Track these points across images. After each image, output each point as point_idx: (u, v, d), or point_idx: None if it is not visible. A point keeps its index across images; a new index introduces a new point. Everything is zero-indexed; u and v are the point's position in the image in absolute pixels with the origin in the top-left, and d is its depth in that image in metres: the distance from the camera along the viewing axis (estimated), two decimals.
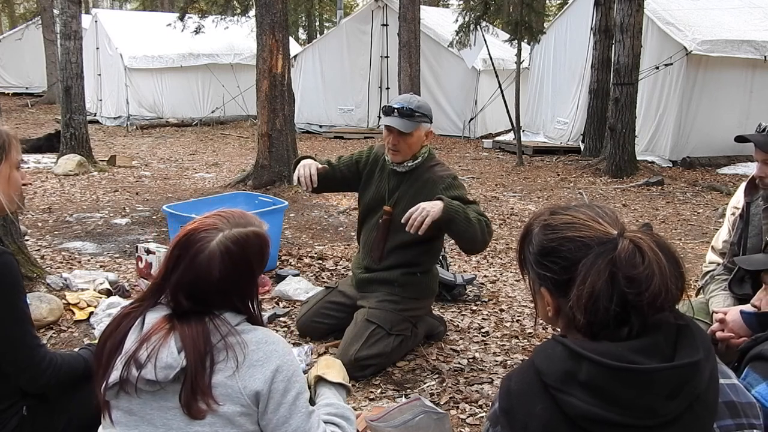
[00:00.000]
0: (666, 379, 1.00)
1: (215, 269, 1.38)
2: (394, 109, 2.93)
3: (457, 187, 2.98)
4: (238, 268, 1.41)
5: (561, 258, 1.09)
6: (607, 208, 1.16)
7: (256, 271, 1.48)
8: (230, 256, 1.40)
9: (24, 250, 3.86)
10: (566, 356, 1.03)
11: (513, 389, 1.09)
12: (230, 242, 1.41)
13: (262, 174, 7.49)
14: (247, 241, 1.43)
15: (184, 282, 1.40)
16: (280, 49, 7.35)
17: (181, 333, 1.35)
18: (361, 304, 3.10)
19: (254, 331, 1.41)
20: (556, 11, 21.34)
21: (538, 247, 1.14)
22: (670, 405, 1.00)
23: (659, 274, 1.03)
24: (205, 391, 1.32)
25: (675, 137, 9.65)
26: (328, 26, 32.28)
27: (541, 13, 16.01)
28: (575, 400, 1.00)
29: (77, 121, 8.62)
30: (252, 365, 1.36)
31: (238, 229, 1.43)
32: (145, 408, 1.36)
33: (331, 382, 1.77)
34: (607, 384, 0.99)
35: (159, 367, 1.32)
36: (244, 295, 1.46)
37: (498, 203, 7.26)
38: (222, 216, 1.45)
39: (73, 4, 8.37)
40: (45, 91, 18.59)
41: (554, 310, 1.15)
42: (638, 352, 1.01)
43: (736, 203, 2.51)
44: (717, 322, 2.08)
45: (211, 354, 1.34)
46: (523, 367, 1.11)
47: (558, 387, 1.02)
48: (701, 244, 5.43)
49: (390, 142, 2.99)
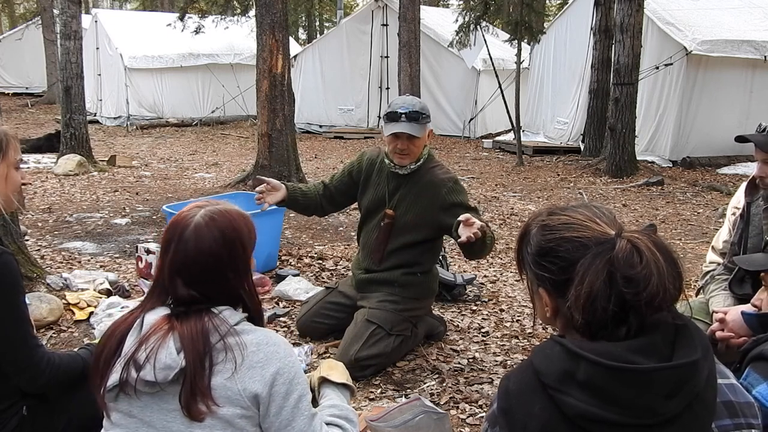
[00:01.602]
0: (665, 379, 1.00)
1: (204, 239, 1.39)
2: (401, 114, 2.89)
3: (459, 192, 2.99)
4: (226, 236, 1.41)
5: (559, 258, 1.09)
6: (605, 208, 1.16)
7: (246, 243, 1.45)
8: (215, 223, 1.41)
9: (24, 250, 3.86)
10: (564, 356, 1.03)
11: (511, 389, 1.09)
12: (213, 213, 1.42)
13: (262, 174, 7.48)
14: (230, 213, 1.45)
15: (177, 262, 1.39)
16: (280, 49, 7.34)
17: (180, 333, 1.34)
18: (362, 305, 3.10)
19: (254, 332, 1.40)
20: (556, 11, 21.35)
21: (535, 247, 1.14)
22: (669, 404, 1.00)
23: (657, 274, 1.03)
24: (205, 392, 1.31)
25: (675, 137, 9.65)
26: (328, 26, 32.28)
27: (541, 13, 16.02)
28: (573, 400, 1.00)
29: (77, 121, 8.62)
30: (252, 367, 1.34)
31: (219, 206, 1.46)
32: (145, 410, 1.35)
33: (335, 383, 1.77)
34: (605, 384, 1.00)
35: (158, 368, 1.31)
36: (239, 271, 1.43)
37: (498, 203, 7.26)
38: (202, 202, 1.48)
39: (73, 4, 8.37)
40: (45, 91, 18.60)
41: (552, 311, 1.15)
42: (636, 352, 1.01)
43: (737, 203, 2.51)
44: (717, 321, 2.08)
45: (210, 354, 1.33)
46: (521, 368, 1.11)
47: (556, 387, 1.02)
48: (701, 244, 5.43)
49: (398, 147, 2.96)
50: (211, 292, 1.41)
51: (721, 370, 1.13)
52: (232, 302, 1.44)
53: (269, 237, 4.39)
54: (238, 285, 1.44)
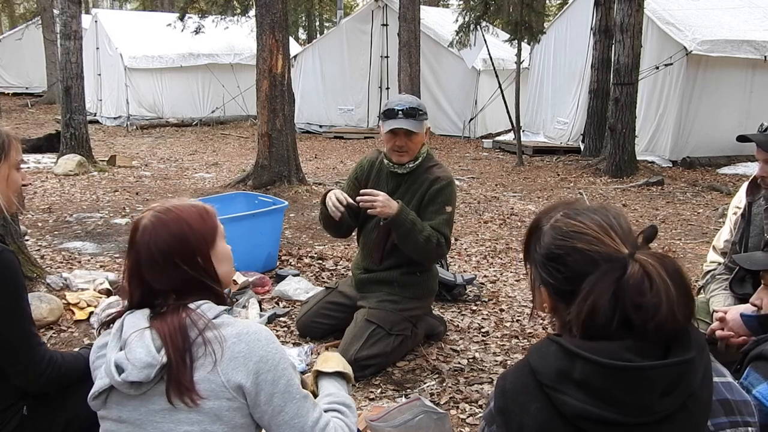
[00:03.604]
0: (660, 377, 1.00)
1: (152, 239, 1.40)
2: (398, 111, 2.91)
3: (444, 194, 2.97)
4: (172, 232, 1.41)
5: (566, 267, 1.09)
6: (622, 217, 1.13)
7: (199, 234, 1.44)
8: (161, 221, 1.42)
9: (24, 250, 3.86)
10: (561, 355, 1.03)
11: (508, 388, 1.09)
12: (160, 212, 1.44)
13: (262, 174, 7.49)
14: (178, 209, 1.46)
15: (134, 264, 1.42)
16: (280, 49, 7.35)
17: (158, 330, 1.35)
18: (361, 305, 3.10)
19: (233, 324, 1.39)
20: (556, 11, 21.35)
21: (545, 249, 1.13)
22: (665, 402, 1.00)
23: (666, 302, 1.01)
24: (189, 386, 1.31)
25: (675, 137, 9.64)
26: (328, 26, 32.28)
27: (541, 13, 16.01)
28: (570, 399, 1.00)
29: (77, 121, 8.62)
30: (234, 358, 1.34)
31: (169, 204, 1.48)
32: (134, 414, 1.36)
33: (329, 373, 1.75)
34: (601, 382, 1.00)
35: (139, 367, 1.31)
36: (196, 263, 1.42)
37: (498, 203, 7.26)
38: (157, 204, 1.51)
39: (73, 4, 8.37)
40: (45, 91, 18.60)
41: (550, 309, 1.15)
42: (632, 351, 1.01)
43: (738, 203, 2.52)
44: (717, 321, 2.08)
45: (190, 350, 1.33)
46: (518, 367, 1.11)
47: (553, 386, 1.02)
48: (701, 244, 5.42)
49: (396, 144, 2.97)
50: (176, 286, 1.41)
51: (717, 368, 1.13)
52: (202, 293, 1.43)
53: (269, 237, 4.39)
54: (201, 275, 1.43)
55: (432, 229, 2.90)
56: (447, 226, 2.97)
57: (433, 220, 2.93)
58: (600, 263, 1.05)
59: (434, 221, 2.93)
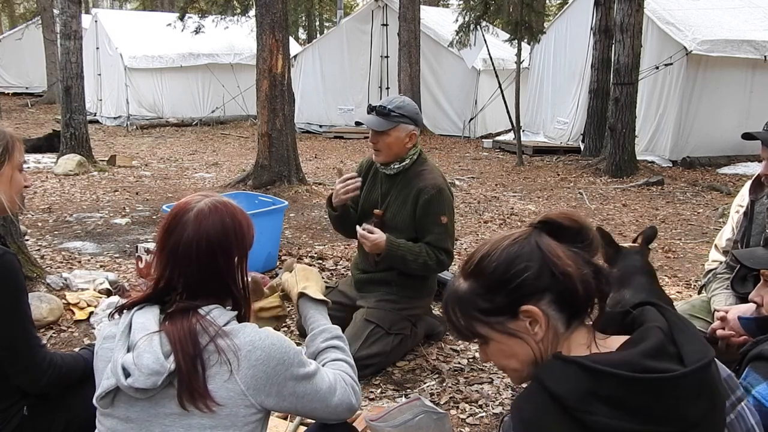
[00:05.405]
0: (690, 383, 0.99)
1: (203, 222, 1.39)
2: (373, 108, 2.95)
3: (436, 204, 2.94)
4: (225, 224, 1.41)
5: (524, 271, 1.09)
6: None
7: (243, 237, 1.45)
8: (218, 211, 1.42)
9: (24, 250, 3.86)
10: (582, 374, 1.00)
11: (527, 418, 1.03)
12: (217, 203, 1.44)
13: (262, 174, 7.49)
14: (234, 206, 1.47)
15: (172, 242, 1.39)
16: (280, 49, 7.35)
17: (168, 335, 1.32)
18: (360, 304, 3.10)
19: (244, 331, 1.37)
20: (556, 11, 21.35)
21: (487, 284, 1.13)
22: (698, 406, 0.99)
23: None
24: (203, 393, 1.30)
25: (675, 137, 9.64)
26: (328, 26, 32.29)
27: (541, 13, 16.02)
28: (603, 419, 0.97)
29: (77, 121, 8.62)
30: (252, 366, 1.33)
31: (224, 199, 1.49)
32: (143, 415, 1.34)
33: (314, 299, 1.80)
34: (632, 397, 0.97)
35: (146, 374, 1.28)
36: (231, 262, 1.43)
37: (498, 203, 7.26)
38: (208, 192, 1.52)
39: (73, 4, 8.37)
40: (45, 91, 18.61)
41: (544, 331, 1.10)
42: (650, 357, 1.00)
43: (741, 201, 2.51)
44: (718, 320, 2.08)
45: (201, 356, 1.31)
46: (530, 394, 1.05)
47: (581, 408, 0.98)
48: (701, 244, 5.42)
49: (370, 140, 3.00)
50: (199, 279, 1.40)
51: None
52: (219, 294, 1.42)
53: (269, 237, 4.39)
54: (228, 276, 1.43)
55: (430, 248, 2.91)
56: (446, 238, 2.96)
57: (432, 232, 2.94)
58: (524, 247, 1.11)
59: (432, 236, 2.93)
